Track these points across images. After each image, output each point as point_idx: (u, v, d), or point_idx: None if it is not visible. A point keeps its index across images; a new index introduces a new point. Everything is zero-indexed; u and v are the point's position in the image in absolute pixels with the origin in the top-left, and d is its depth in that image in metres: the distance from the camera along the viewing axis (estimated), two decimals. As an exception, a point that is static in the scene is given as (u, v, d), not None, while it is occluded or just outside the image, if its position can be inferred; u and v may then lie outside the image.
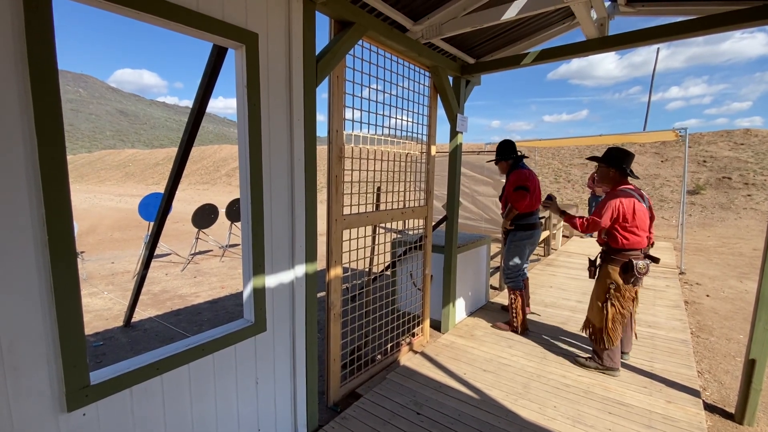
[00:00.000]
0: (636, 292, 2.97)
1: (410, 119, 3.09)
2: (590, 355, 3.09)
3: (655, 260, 2.87)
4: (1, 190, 1.13)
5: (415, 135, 3.19)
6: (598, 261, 3.03)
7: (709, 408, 2.70)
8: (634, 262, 2.74)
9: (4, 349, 1.17)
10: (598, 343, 2.95)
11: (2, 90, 1.11)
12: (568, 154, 17.35)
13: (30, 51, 1.14)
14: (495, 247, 6.96)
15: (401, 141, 3.01)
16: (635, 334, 3.18)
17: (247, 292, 1.91)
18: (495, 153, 3.88)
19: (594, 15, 2.81)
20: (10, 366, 1.19)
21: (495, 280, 5.65)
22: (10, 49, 1.12)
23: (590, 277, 3.07)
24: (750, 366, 2.44)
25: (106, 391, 1.40)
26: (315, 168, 2.14)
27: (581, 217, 2.93)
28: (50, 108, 1.19)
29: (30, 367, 1.23)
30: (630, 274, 2.77)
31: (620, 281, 2.81)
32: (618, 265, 2.83)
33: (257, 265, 1.88)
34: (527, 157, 4.25)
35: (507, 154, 3.79)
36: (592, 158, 3.00)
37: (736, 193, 12.24)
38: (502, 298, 4.89)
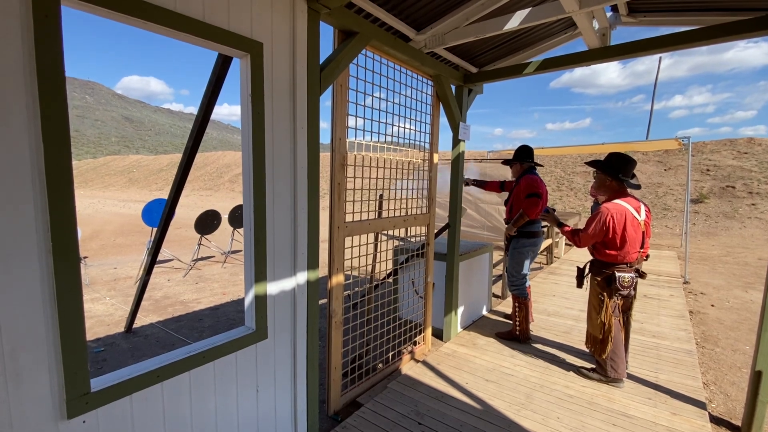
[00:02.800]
0: (629, 303, 2.96)
1: (413, 127, 3.11)
2: (592, 367, 3.06)
3: (642, 275, 2.85)
4: (7, 197, 1.14)
5: (417, 143, 3.20)
6: (587, 271, 3.01)
7: (715, 420, 2.66)
8: (617, 275, 2.73)
9: (6, 356, 1.17)
10: (599, 354, 2.92)
11: (11, 97, 1.13)
12: (570, 162, 17.35)
13: (39, 60, 1.16)
14: (497, 255, 6.94)
15: (404, 149, 3.03)
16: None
17: (249, 299, 1.91)
18: (513, 154, 3.86)
19: (596, 25, 2.83)
20: (11, 372, 1.19)
21: (497, 289, 5.62)
22: (20, 58, 1.14)
23: (577, 286, 3.07)
24: (756, 378, 2.40)
25: (106, 398, 1.39)
26: (318, 175, 2.14)
27: (575, 234, 2.90)
28: (57, 116, 1.20)
29: (31, 373, 1.23)
30: (613, 287, 2.76)
31: (605, 293, 2.81)
32: (601, 277, 2.83)
33: (259, 272, 1.88)
34: (542, 166, 4.24)
35: (522, 157, 3.76)
36: (590, 163, 2.93)
37: (740, 202, 12.18)
38: (504, 306, 4.86)
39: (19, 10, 1.13)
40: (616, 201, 2.75)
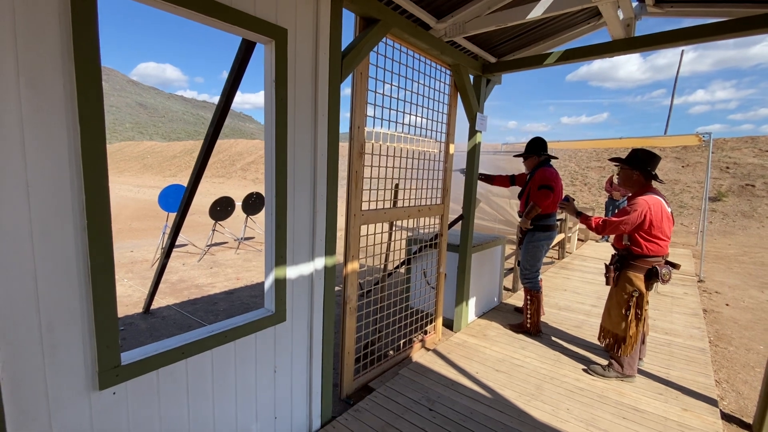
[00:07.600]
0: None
1: (430, 117, 3.09)
2: (608, 363, 3.00)
3: (676, 266, 2.82)
4: (48, 177, 1.18)
5: (434, 133, 3.19)
6: (618, 266, 2.96)
7: (726, 418, 2.65)
8: (659, 269, 2.69)
9: (44, 328, 1.23)
10: (620, 351, 2.88)
11: (49, 82, 1.16)
12: (585, 156, 17.07)
13: (76, 43, 1.18)
14: (508, 248, 6.92)
15: (420, 139, 3.02)
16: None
17: (269, 282, 1.95)
18: (525, 148, 3.82)
19: (621, 15, 2.77)
20: (48, 344, 1.24)
21: (508, 281, 5.62)
22: (57, 42, 1.17)
23: (607, 284, 2.98)
24: (771, 376, 2.39)
25: (135, 371, 1.45)
26: (337, 162, 2.17)
27: (599, 218, 2.89)
28: (93, 98, 1.23)
29: (67, 345, 1.28)
30: (653, 281, 2.72)
31: (643, 288, 2.75)
32: (641, 272, 2.76)
33: (279, 256, 1.92)
34: (557, 158, 4.18)
35: (538, 150, 3.71)
36: (615, 159, 2.92)
37: (759, 201, 11.89)
38: (515, 299, 4.87)
39: (57, -7, 1.16)
40: (650, 194, 2.72)
